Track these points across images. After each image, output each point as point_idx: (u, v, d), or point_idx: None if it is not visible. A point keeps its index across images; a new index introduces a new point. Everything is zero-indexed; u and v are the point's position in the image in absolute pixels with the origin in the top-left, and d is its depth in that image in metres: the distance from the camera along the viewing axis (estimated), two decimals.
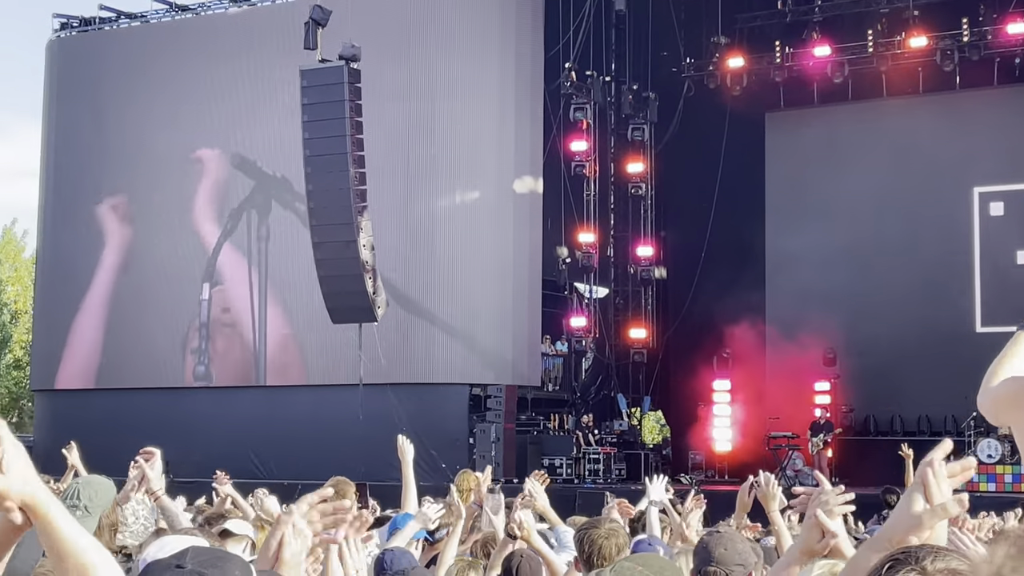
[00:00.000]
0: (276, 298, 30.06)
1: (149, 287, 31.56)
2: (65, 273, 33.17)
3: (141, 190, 32.00)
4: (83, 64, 33.61)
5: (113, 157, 32.45)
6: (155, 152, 31.72)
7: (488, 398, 28.03)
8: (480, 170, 28.98)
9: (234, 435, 28.44)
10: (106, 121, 32.69)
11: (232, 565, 2.61)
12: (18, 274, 52.42)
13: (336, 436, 27.30)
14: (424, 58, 28.95)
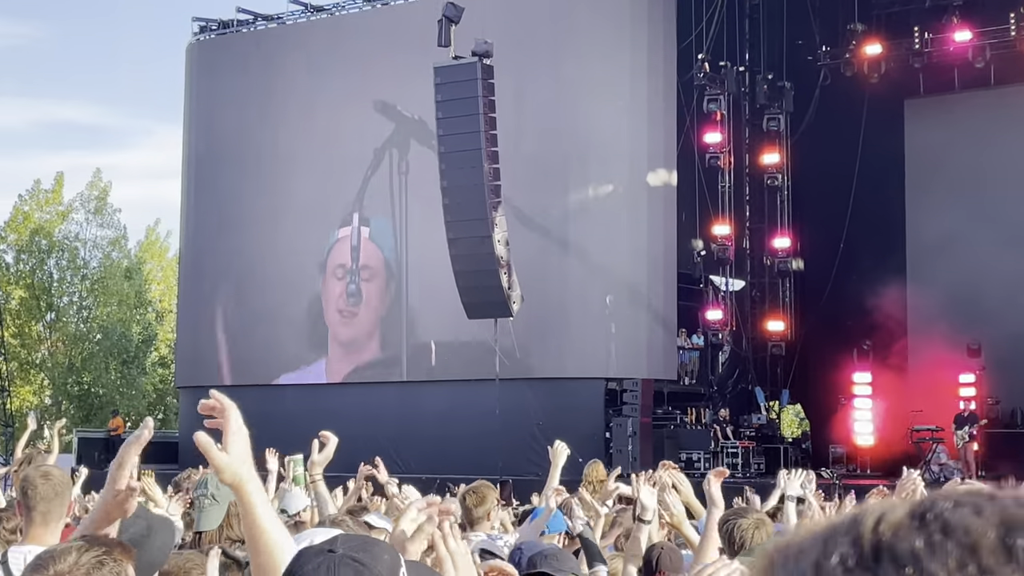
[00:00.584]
0: (417, 301, 30.32)
1: (288, 287, 32.03)
2: (207, 272, 33.85)
3: (280, 189, 32.49)
4: (222, 66, 34.26)
5: (252, 156, 33.03)
6: (292, 150, 32.20)
7: (624, 392, 27.94)
8: (613, 164, 28.89)
9: (373, 430, 28.70)
10: (245, 121, 33.29)
11: (381, 550, 2.67)
12: (164, 274, 53.69)
13: (473, 431, 27.44)
14: (556, 52, 28.94)
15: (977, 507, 0.90)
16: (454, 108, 25.02)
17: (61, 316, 50.47)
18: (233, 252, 33.16)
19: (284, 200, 32.48)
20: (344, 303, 31.55)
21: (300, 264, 32.09)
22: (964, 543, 0.88)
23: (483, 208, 24.94)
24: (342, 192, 31.77)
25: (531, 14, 29.11)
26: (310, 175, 32.03)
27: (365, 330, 31.29)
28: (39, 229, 49.65)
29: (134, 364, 50.46)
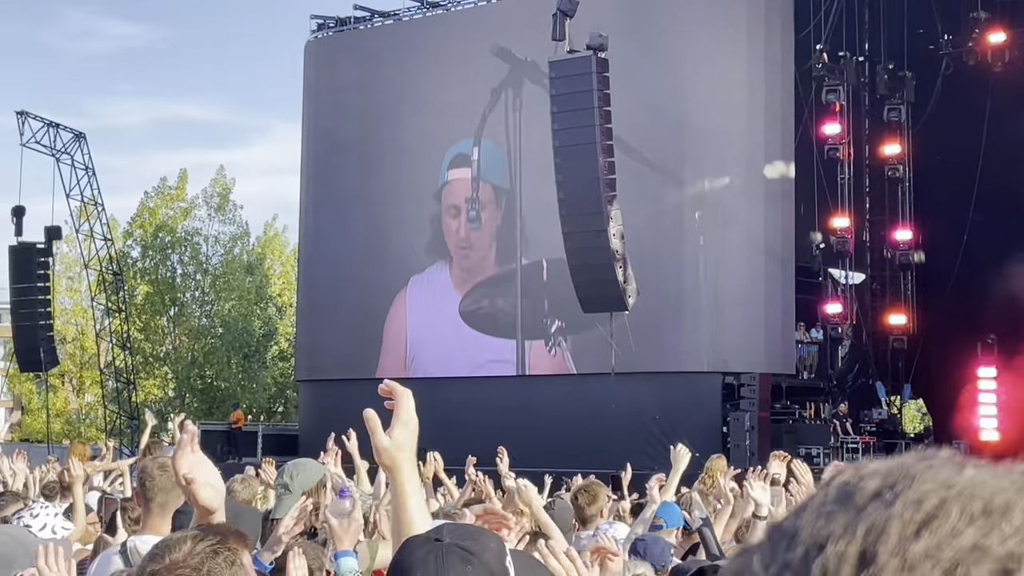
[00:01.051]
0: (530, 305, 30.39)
1: (407, 281, 32.30)
2: (326, 266, 34.27)
3: (397, 183, 32.76)
4: (339, 62, 34.64)
5: (369, 151, 33.35)
6: (408, 146, 32.45)
7: (742, 386, 27.71)
8: (730, 156, 28.67)
9: (488, 423, 28.82)
10: (362, 116, 33.63)
11: (488, 538, 2.69)
12: (283, 269, 54.46)
13: (589, 425, 27.42)
14: (672, 44, 28.80)
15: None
16: (569, 102, 25.01)
17: (184, 311, 51.45)
18: (351, 246, 33.52)
19: (402, 193, 32.73)
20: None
21: (414, 262, 32.36)
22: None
23: (598, 202, 24.90)
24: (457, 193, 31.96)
25: (646, 5, 28.97)
26: (426, 169, 32.24)
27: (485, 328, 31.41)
28: (163, 225, 50.67)
29: (255, 358, 51.25)
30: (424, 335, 32.38)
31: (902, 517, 0.81)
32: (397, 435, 3.02)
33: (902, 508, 0.81)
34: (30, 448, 34.30)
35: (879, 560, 0.79)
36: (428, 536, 2.66)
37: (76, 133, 39.50)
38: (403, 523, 3.00)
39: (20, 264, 36.67)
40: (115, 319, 42.11)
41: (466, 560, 2.59)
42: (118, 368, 42.26)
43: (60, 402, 52.86)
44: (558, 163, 25.34)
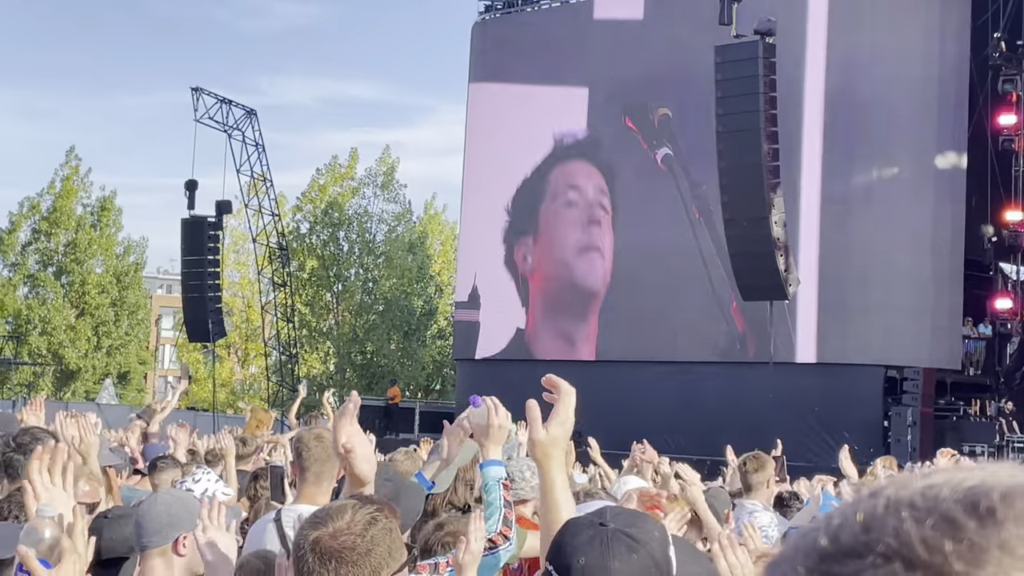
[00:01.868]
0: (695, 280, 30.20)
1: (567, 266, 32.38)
2: (485, 247, 34.52)
3: (563, 167, 32.85)
4: (505, 44, 34.81)
5: (529, 134, 33.47)
6: (570, 128, 32.49)
7: (904, 380, 27.17)
8: (900, 145, 28.09)
9: (647, 409, 28.75)
10: (525, 99, 33.75)
11: (651, 525, 2.68)
12: (443, 248, 55.03)
13: (746, 414, 27.15)
14: (843, 29, 28.29)
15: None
16: (734, 87, 24.75)
17: (348, 287, 52.33)
18: (510, 228, 33.74)
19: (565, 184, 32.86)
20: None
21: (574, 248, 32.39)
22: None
23: (761, 189, 24.61)
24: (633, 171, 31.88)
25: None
26: (599, 155, 32.26)
27: (650, 312, 31.33)
28: (333, 203, 51.63)
29: (414, 336, 51.90)
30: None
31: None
32: (553, 431, 3.14)
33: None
34: (196, 416, 35.33)
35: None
36: (592, 520, 2.66)
37: (247, 110, 40.39)
38: (550, 515, 3.09)
39: (192, 237, 37.62)
40: (280, 293, 43.01)
41: (631, 548, 2.58)
42: (282, 341, 43.17)
43: (225, 372, 54.26)
44: (721, 149, 25.11)
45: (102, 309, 52.27)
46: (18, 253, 51.68)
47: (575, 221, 32.85)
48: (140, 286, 55.55)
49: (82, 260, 51.78)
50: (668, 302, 30.50)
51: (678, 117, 30.84)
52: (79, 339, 51.61)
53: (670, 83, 30.79)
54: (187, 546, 4.17)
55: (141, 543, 4.28)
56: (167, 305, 71.47)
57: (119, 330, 53.40)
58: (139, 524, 4.29)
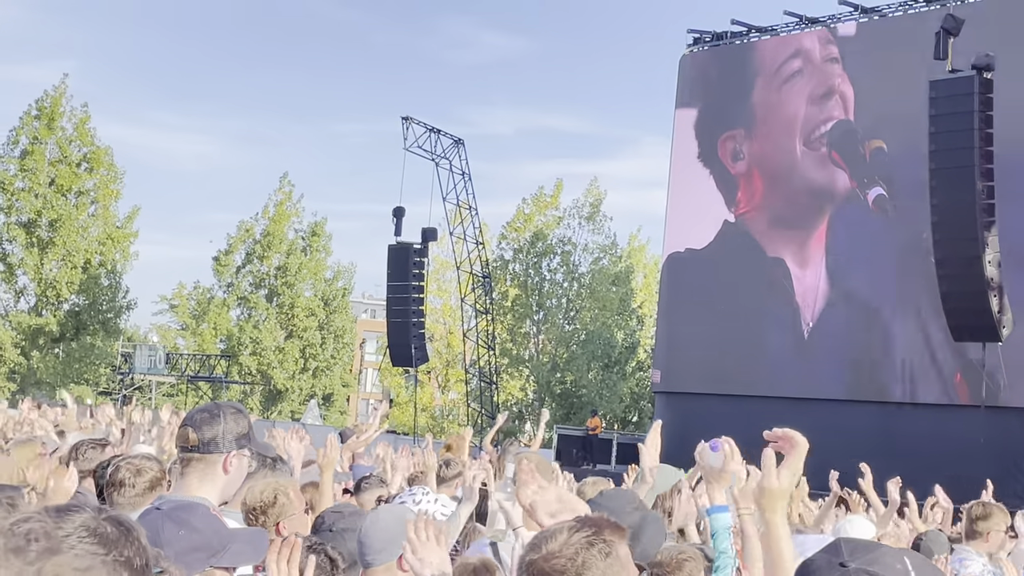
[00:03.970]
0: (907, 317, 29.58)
1: (767, 297, 32.03)
2: (688, 279, 34.37)
3: (771, 203, 32.56)
4: (713, 76, 34.69)
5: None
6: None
7: None
8: None
9: (848, 447, 28.14)
10: (730, 131, 33.59)
11: (891, 557, 2.48)
12: (645, 280, 54.91)
13: (955, 457, 26.37)
14: None
15: None
16: (948, 123, 24.15)
17: (549, 316, 52.60)
18: (713, 261, 33.55)
19: (779, 216, 32.55)
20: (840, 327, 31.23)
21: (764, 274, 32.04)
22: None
23: (974, 227, 23.94)
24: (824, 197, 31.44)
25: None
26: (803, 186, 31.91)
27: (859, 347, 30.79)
28: (538, 232, 52.03)
29: (615, 368, 51.84)
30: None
31: None
32: (785, 481, 3.21)
33: None
34: (396, 440, 35.94)
35: None
36: (829, 560, 2.48)
37: (455, 139, 41.04)
38: (778, 568, 3.15)
39: (397, 263, 38.30)
40: (482, 320, 43.48)
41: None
42: (482, 368, 43.59)
43: (426, 397, 55.04)
44: (933, 186, 24.53)
45: (310, 332, 53.67)
46: (233, 275, 53.45)
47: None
48: (347, 310, 56.85)
49: (292, 283, 53.29)
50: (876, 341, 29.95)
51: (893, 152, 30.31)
52: (287, 360, 53.08)
53: (883, 119, 30.30)
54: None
55: (365, 560, 4.36)
56: (371, 329, 72.90)
57: (325, 352, 54.72)
58: (362, 542, 4.38)
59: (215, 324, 52.24)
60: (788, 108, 32.43)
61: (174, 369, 48.21)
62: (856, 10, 32.07)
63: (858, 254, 30.65)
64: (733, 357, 32.63)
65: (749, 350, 32.31)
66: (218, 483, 4.10)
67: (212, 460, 4.12)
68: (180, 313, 53.14)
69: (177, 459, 4.49)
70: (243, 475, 4.26)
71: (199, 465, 4.13)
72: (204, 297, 52.97)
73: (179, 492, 4.16)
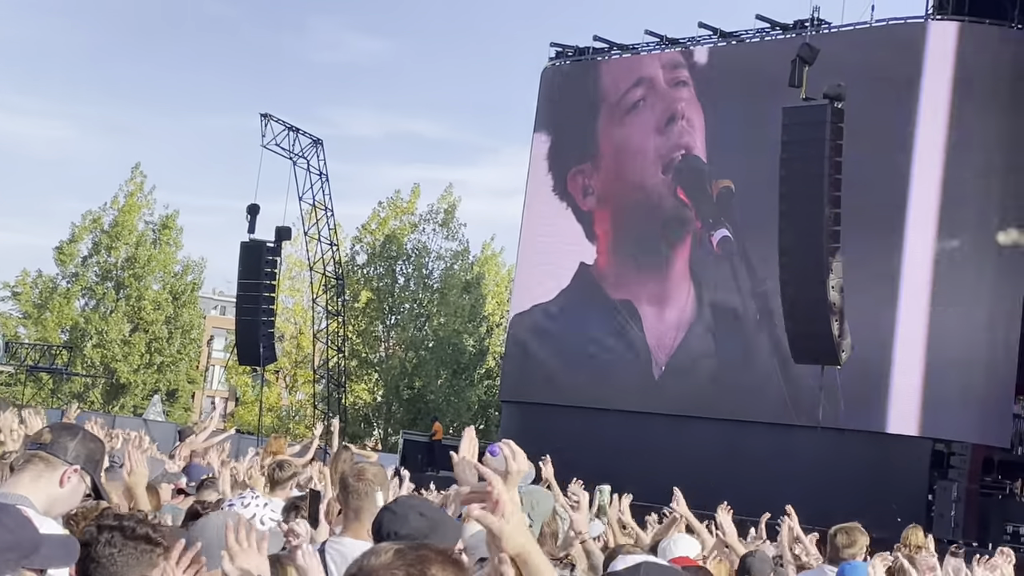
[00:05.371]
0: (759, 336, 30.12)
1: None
2: (540, 289, 34.57)
3: (620, 213, 32.89)
4: (573, 91, 34.96)
5: (598, 180, 33.60)
6: (633, 176, 32.56)
7: (952, 455, 26.91)
8: (962, 218, 27.93)
9: (691, 465, 28.61)
10: (589, 145, 33.89)
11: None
12: (497, 288, 55.09)
13: (789, 476, 26.97)
14: (904, 100, 28.26)
15: None
16: (800, 150, 24.71)
17: (400, 321, 52.48)
18: (568, 271, 33.79)
19: (622, 224, 32.87)
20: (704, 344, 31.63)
21: (639, 290, 32.39)
22: None
23: (820, 252, 24.52)
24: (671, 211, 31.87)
25: (886, 59, 28.54)
26: (647, 203, 32.27)
27: (705, 365, 31.24)
28: (392, 236, 51.88)
29: (464, 375, 51.91)
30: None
31: None
32: (515, 519, 2.84)
33: None
34: (240, 439, 35.49)
35: None
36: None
37: (314, 139, 40.76)
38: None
39: (250, 261, 37.89)
40: (333, 322, 43.21)
41: None
42: (331, 369, 43.33)
43: (273, 397, 54.49)
44: (783, 210, 25.06)
45: (156, 326, 52.72)
46: (78, 264, 52.26)
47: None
48: (195, 305, 55.98)
49: (140, 276, 52.31)
50: (722, 359, 30.47)
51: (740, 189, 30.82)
52: (132, 354, 52.05)
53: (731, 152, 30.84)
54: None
55: None
56: (220, 326, 71.96)
57: (171, 348, 53.80)
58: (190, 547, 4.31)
59: (59, 314, 51.02)
60: (634, 139, 32.81)
61: (13, 358, 46.96)
62: (715, 34, 32.61)
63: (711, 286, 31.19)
64: (580, 373, 32.88)
65: (597, 367, 32.60)
66: (50, 491, 4.04)
67: (53, 464, 4.07)
68: (23, 301, 51.77)
69: (20, 455, 4.40)
70: (76, 499, 4.21)
71: (39, 465, 4.07)
72: (47, 286, 51.69)
73: (7, 488, 4.08)
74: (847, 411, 27.39)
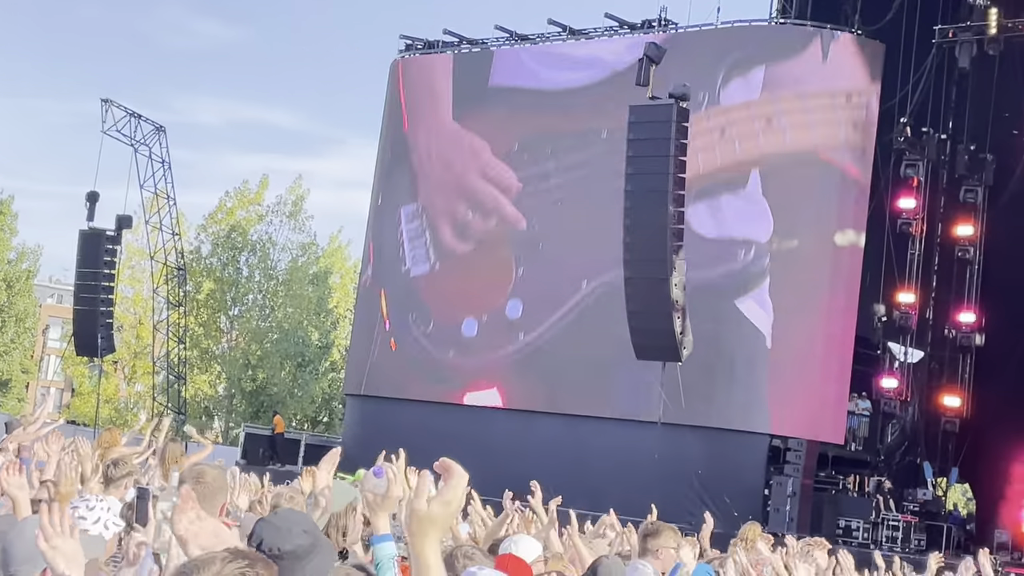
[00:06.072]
0: (585, 329, 30.32)
1: (471, 305, 32.36)
2: (385, 283, 34.40)
3: (467, 209, 32.88)
4: (421, 83, 34.85)
5: (439, 173, 33.52)
6: (472, 171, 32.58)
7: (788, 451, 27.48)
8: (801, 219, 28.53)
9: (530, 459, 28.72)
10: (435, 137, 33.81)
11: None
12: (343, 281, 54.77)
13: (630, 472, 27.28)
14: (754, 101, 28.75)
15: None
16: (645, 148, 24.96)
17: (244, 313, 51.85)
18: (414, 265, 33.66)
19: (469, 222, 32.86)
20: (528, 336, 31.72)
21: (473, 282, 32.39)
22: None
23: (664, 250, 24.79)
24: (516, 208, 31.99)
25: (729, 60, 29.02)
26: (487, 196, 32.33)
27: (539, 358, 31.36)
28: (237, 226, 51.21)
29: (308, 368, 51.49)
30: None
31: None
32: (435, 508, 3.03)
33: None
34: (76, 431, 34.65)
35: None
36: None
37: (157, 126, 39.99)
38: (420, 567, 3.02)
39: (88, 249, 37.04)
40: (174, 312, 42.48)
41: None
42: (171, 361, 42.59)
43: (111, 389, 53.37)
44: (627, 207, 25.27)
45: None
46: None
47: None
48: (30, 294, 54.60)
49: None
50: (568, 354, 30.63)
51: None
52: None
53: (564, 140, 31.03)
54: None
55: (9, 572, 4.11)
56: (56, 315, 70.22)
57: (4, 336, 52.38)
58: (7, 551, 4.13)
59: None
60: (480, 133, 32.85)
61: None
62: (564, 31, 32.79)
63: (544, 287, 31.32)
64: (422, 365, 32.81)
65: (440, 359, 32.56)
66: None
67: None
68: None
69: None
70: None
71: None
72: None
73: None
74: (688, 407, 27.78)
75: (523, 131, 32.04)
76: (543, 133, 31.61)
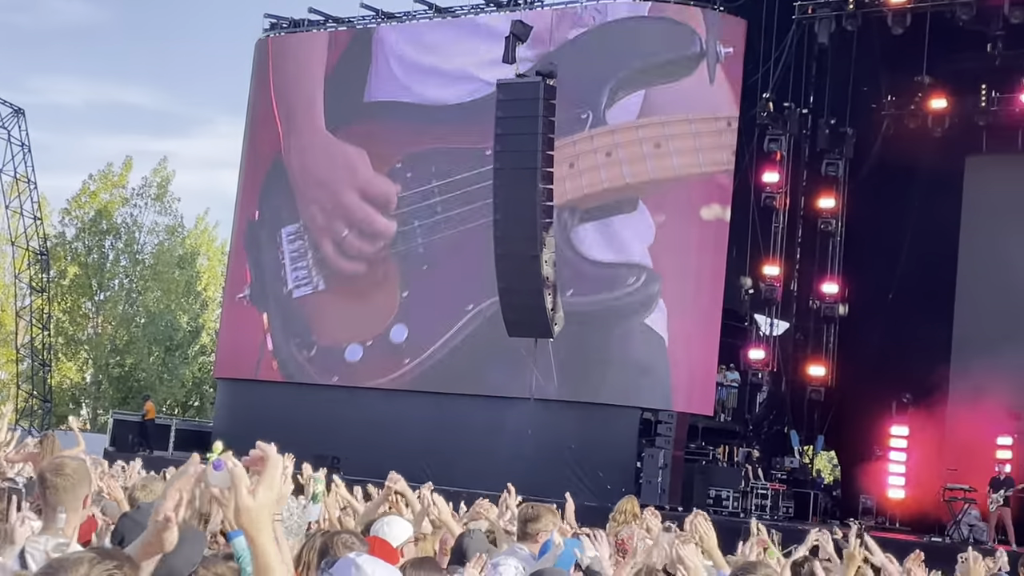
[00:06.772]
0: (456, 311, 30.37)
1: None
2: (254, 264, 34.06)
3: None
4: (287, 62, 34.51)
5: (309, 154, 33.28)
6: (343, 156, 32.42)
7: (659, 423, 27.84)
8: (667, 194, 28.86)
9: (405, 439, 28.76)
10: (304, 118, 33.53)
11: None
12: (210, 263, 54.11)
13: (503, 448, 27.44)
14: (619, 76, 28.99)
15: None
16: (513, 125, 25.05)
17: (111, 297, 50.96)
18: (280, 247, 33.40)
19: (336, 202, 32.66)
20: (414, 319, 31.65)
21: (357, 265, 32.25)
22: None
23: (534, 227, 24.94)
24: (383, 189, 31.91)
25: (595, 36, 29.21)
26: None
27: (415, 340, 31.30)
28: (102, 210, 50.28)
29: (177, 352, 50.82)
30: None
31: None
32: (261, 497, 2.99)
33: None
34: None
35: None
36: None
37: (15, 108, 39.08)
38: (260, 566, 3.00)
39: None
40: (38, 299, 41.61)
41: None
42: (36, 348, 41.73)
43: None
44: (496, 185, 25.37)
45: None
46: None
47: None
48: None
49: None
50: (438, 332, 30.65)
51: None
52: None
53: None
54: None
55: None
56: None
57: None
58: None
59: None
60: (343, 113, 32.65)
61: None
62: (431, 8, 32.70)
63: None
64: (293, 348, 32.60)
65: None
66: None
67: None
68: None
69: None
70: None
71: None
72: None
73: None
74: (560, 383, 27.99)
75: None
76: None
